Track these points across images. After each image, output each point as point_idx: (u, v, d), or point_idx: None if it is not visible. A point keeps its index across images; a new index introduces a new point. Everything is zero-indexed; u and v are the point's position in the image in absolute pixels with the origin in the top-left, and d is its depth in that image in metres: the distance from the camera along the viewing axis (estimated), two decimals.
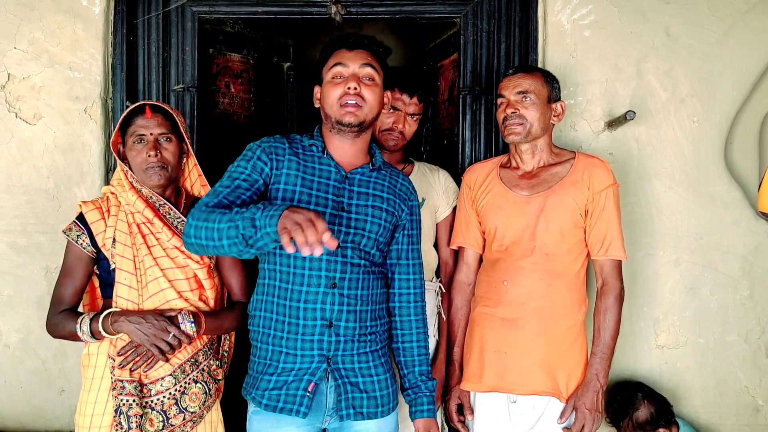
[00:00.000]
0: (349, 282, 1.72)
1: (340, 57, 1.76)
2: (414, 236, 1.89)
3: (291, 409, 1.69)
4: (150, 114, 1.87)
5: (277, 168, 1.74)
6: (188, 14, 2.51)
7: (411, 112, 2.20)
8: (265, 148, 1.76)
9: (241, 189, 1.68)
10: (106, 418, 1.79)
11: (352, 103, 1.72)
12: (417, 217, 1.91)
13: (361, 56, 1.76)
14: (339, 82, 1.74)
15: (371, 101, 1.75)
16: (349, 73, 1.74)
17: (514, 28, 2.51)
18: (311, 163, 1.77)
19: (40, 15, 2.41)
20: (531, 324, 2.01)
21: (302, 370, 1.71)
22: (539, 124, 2.03)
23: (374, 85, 1.76)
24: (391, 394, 1.80)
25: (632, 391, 2.32)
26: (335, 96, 1.74)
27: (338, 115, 1.74)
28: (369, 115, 1.76)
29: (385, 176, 1.85)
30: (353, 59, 1.75)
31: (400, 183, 1.87)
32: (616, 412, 2.32)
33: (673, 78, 2.41)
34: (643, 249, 2.44)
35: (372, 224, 1.76)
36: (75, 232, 1.88)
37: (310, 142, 1.81)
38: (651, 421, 2.27)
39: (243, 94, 2.92)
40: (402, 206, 1.85)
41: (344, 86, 1.73)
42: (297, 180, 1.73)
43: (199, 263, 1.89)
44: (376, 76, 1.77)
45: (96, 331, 1.79)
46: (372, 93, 1.75)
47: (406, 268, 1.87)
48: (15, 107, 2.42)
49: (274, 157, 1.75)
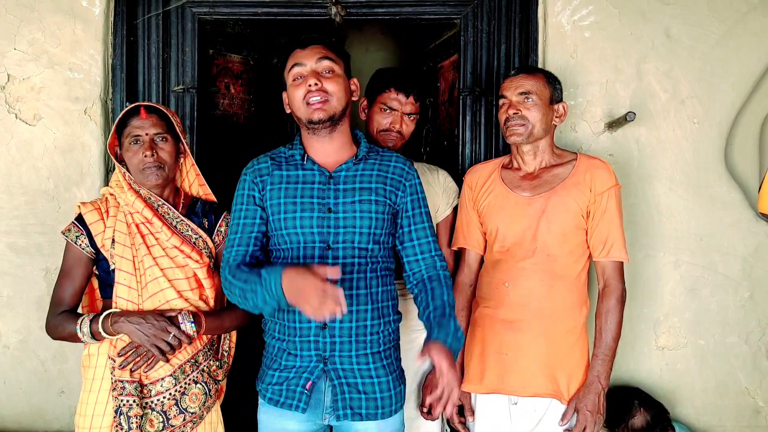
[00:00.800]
0: (342, 283, 1.71)
1: (296, 58, 1.77)
2: (417, 215, 1.82)
3: (291, 405, 1.73)
4: (145, 114, 1.87)
5: (263, 189, 1.79)
6: (188, 15, 2.51)
7: (408, 112, 2.20)
8: (249, 176, 1.82)
9: (248, 228, 1.79)
10: (106, 419, 1.79)
11: (317, 99, 1.72)
12: (419, 195, 1.83)
13: (316, 51, 1.76)
14: (300, 82, 1.75)
15: (336, 92, 1.74)
16: (307, 71, 1.75)
17: (514, 29, 2.51)
18: (294, 171, 1.79)
19: (40, 16, 2.41)
20: (532, 325, 2.01)
21: (302, 368, 1.74)
22: (541, 125, 2.02)
23: (335, 76, 1.76)
24: (394, 396, 1.78)
25: (629, 398, 2.31)
26: (300, 96, 1.74)
27: (307, 114, 1.74)
28: (338, 107, 1.75)
29: (374, 164, 1.81)
30: (308, 56, 1.75)
31: (392, 166, 1.82)
32: (612, 419, 2.31)
33: (673, 79, 2.42)
34: (643, 250, 2.43)
35: (362, 219, 1.75)
36: (74, 233, 1.88)
37: (291, 152, 1.83)
38: (647, 429, 2.26)
39: (243, 95, 2.92)
40: (395, 191, 1.80)
41: (305, 85, 1.73)
42: (281, 193, 1.77)
43: (198, 262, 1.89)
44: (335, 67, 1.76)
45: (96, 332, 1.79)
46: (335, 83, 1.75)
47: (411, 249, 1.82)
48: (15, 108, 2.42)
49: (259, 180, 1.79)
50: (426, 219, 1.84)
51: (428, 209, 1.86)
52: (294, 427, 1.76)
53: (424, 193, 1.86)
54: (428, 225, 1.84)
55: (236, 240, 1.79)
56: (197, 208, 1.99)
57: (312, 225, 1.73)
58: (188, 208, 1.99)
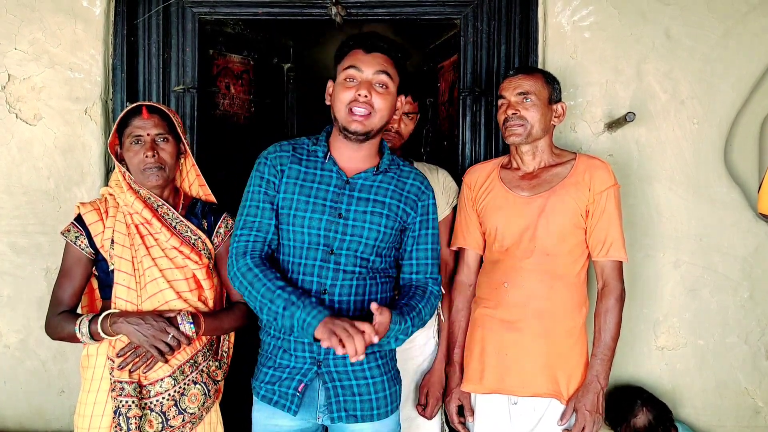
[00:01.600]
0: (340, 288, 1.71)
1: (355, 58, 1.71)
2: (422, 236, 1.81)
3: (283, 405, 1.73)
4: (146, 115, 1.87)
5: (281, 179, 1.75)
6: (188, 15, 2.51)
7: (405, 111, 2.20)
8: (270, 161, 1.76)
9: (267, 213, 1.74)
10: (105, 419, 1.79)
11: (361, 111, 1.68)
12: (429, 216, 1.82)
13: (377, 61, 1.70)
14: (351, 85, 1.70)
15: (382, 109, 1.70)
16: (362, 78, 1.69)
17: (514, 30, 2.51)
18: (313, 169, 1.76)
19: (41, 16, 2.41)
20: (531, 325, 2.01)
21: (295, 369, 1.74)
22: (540, 125, 2.02)
23: (387, 93, 1.71)
24: (389, 397, 1.78)
25: (631, 397, 2.31)
26: (345, 99, 1.70)
27: (345, 121, 1.71)
28: (378, 124, 1.72)
29: (392, 179, 1.79)
30: (369, 64, 1.70)
31: (409, 184, 1.80)
32: (615, 418, 2.31)
33: (673, 79, 2.42)
34: (643, 250, 2.43)
35: (369, 231, 1.73)
36: (73, 233, 1.88)
37: (314, 147, 1.79)
38: (649, 428, 2.26)
39: (243, 95, 2.92)
40: (408, 209, 1.79)
41: (355, 91, 1.69)
42: (295, 188, 1.74)
43: (197, 263, 1.89)
44: (390, 83, 1.71)
45: (95, 333, 1.79)
46: (383, 101, 1.70)
47: (408, 267, 1.82)
48: (15, 108, 2.42)
49: (279, 168, 1.75)
50: (431, 240, 1.82)
51: (437, 230, 1.84)
52: (287, 425, 1.76)
53: (436, 214, 1.84)
54: (432, 247, 1.82)
55: (256, 224, 1.72)
56: (197, 209, 1.99)
57: (320, 227, 1.72)
58: (188, 208, 1.99)
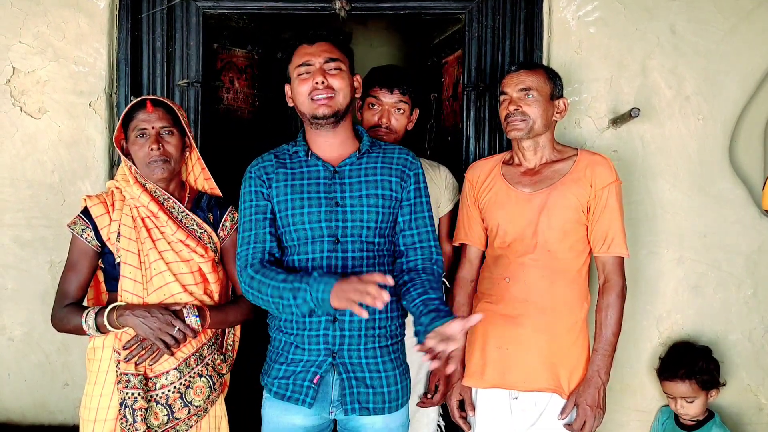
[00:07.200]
0: (352, 276, 1.72)
1: (303, 53, 1.78)
2: (418, 204, 1.82)
3: (297, 399, 1.74)
4: (151, 108, 1.87)
5: (270, 186, 1.79)
6: (193, 9, 2.51)
7: (394, 105, 2.20)
8: (254, 173, 1.82)
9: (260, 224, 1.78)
10: (111, 412, 1.80)
11: (322, 96, 1.74)
12: (421, 185, 1.84)
13: (323, 48, 1.78)
14: (306, 77, 1.76)
15: (342, 88, 1.76)
16: (314, 68, 1.76)
17: (518, 25, 2.50)
18: (299, 168, 1.80)
19: (45, 9, 2.41)
20: (533, 321, 2.01)
21: (309, 362, 1.75)
22: (542, 121, 2.03)
23: (341, 73, 1.77)
24: (401, 390, 1.79)
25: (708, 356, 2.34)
26: (305, 92, 1.76)
27: (311, 109, 1.76)
28: (343, 103, 1.77)
29: (377, 157, 1.83)
30: (316, 53, 1.77)
31: (396, 157, 1.83)
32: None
33: (678, 76, 2.41)
34: (647, 247, 2.43)
35: (369, 214, 1.76)
36: (80, 226, 1.89)
37: (295, 148, 1.84)
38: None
39: (247, 90, 2.92)
40: (401, 182, 1.81)
41: (312, 81, 1.75)
42: (287, 189, 1.78)
43: (203, 257, 1.89)
44: (342, 65, 1.78)
45: (101, 325, 1.80)
46: (340, 80, 1.76)
47: (410, 238, 1.80)
48: (20, 101, 2.42)
49: (265, 177, 1.80)
50: (426, 209, 1.84)
51: (429, 198, 1.86)
52: (299, 422, 1.77)
53: (426, 183, 1.86)
54: (428, 215, 1.84)
55: (251, 237, 1.78)
56: (202, 203, 1.99)
57: (320, 219, 1.74)
58: (194, 202, 1.99)
